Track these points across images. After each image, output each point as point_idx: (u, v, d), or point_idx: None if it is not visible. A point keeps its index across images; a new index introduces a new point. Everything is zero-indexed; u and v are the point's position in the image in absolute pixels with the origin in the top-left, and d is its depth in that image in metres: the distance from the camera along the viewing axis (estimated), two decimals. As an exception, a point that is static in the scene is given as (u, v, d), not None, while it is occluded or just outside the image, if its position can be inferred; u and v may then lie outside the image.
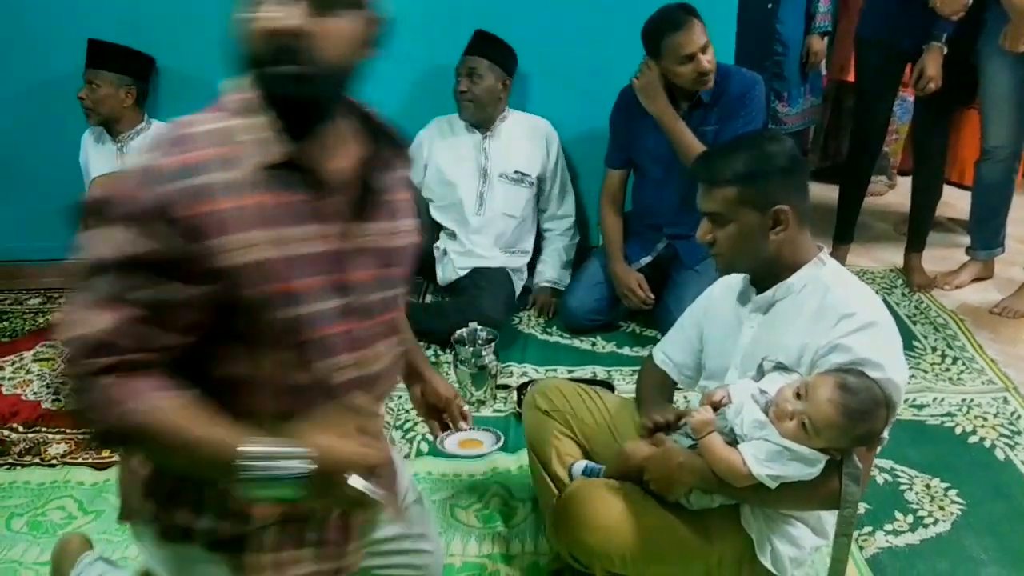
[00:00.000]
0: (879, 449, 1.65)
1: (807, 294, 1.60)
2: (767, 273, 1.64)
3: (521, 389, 2.60)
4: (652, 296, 3.04)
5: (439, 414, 1.64)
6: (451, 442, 1.79)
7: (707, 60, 2.76)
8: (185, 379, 1.11)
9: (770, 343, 1.61)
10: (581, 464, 1.82)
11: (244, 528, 1.21)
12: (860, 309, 1.53)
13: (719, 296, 1.81)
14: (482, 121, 3.17)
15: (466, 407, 1.67)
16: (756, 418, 1.50)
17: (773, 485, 1.48)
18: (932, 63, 3.05)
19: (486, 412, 2.62)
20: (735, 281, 1.75)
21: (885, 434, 1.55)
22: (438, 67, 3.22)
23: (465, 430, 1.70)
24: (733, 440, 1.53)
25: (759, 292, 1.66)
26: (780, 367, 1.57)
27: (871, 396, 1.45)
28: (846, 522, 1.54)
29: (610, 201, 3.16)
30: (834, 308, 1.54)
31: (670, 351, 1.91)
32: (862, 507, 2.08)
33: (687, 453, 1.59)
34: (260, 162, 1.09)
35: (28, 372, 2.95)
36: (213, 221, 1.05)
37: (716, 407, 1.57)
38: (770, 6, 3.73)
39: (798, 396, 1.47)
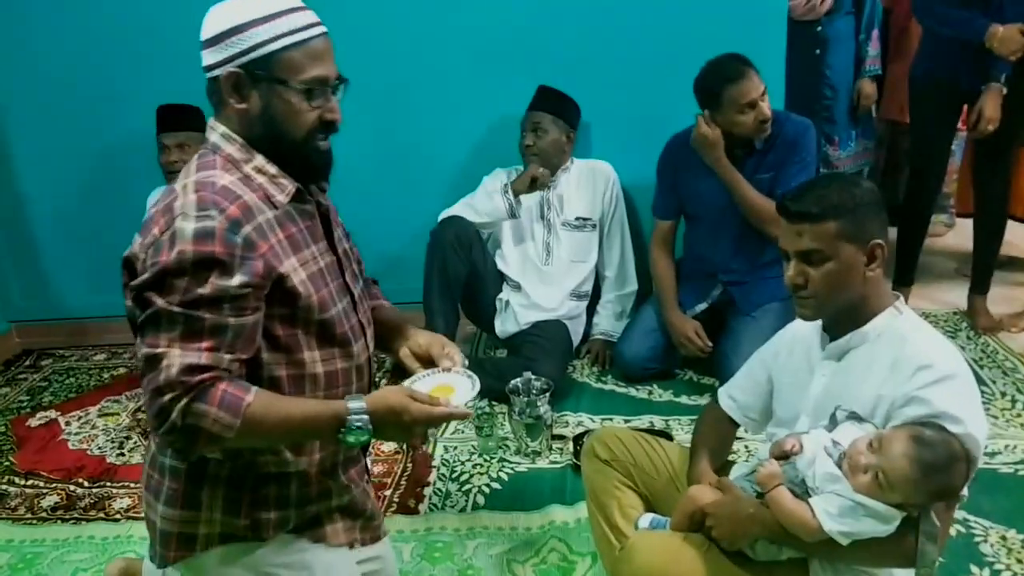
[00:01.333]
0: (957, 506, 1.59)
1: (883, 343, 1.56)
2: (846, 318, 1.60)
3: (577, 439, 2.58)
4: (710, 344, 3.01)
5: (432, 364, 1.64)
6: (422, 387, 1.53)
7: (767, 107, 2.78)
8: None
9: (843, 392, 1.57)
10: (647, 517, 1.79)
11: (318, 509, 1.50)
12: (938, 361, 1.49)
13: (790, 341, 1.77)
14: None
15: (454, 348, 1.63)
16: (829, 471, 1.46)
17: (845, 542, 1.43)
18: (991, 104, 3.01)
19: (542, 463, 2.60)
20: (808, 327, 1.71)
21: (964, 491, 1.49)
22: (502, 119, 3.30)
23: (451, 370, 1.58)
24: (804, 491, 1.49)
25: (832, 339, 1.63)
26: (854, 417, 1.52)
27: (948, 450, 1.40)
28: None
29: (661, 249, 3.15)
30: (911, 359, 1.50)
31: (736, 393, 1.88)
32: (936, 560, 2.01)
33: (756, 503, 1.55)
34: (285, 199, 1.38)
35: (93, 427, 3.02)
36: (271, 255, 1.33)
37: (786, 456, 1.53)
38: (818, 52, 3.74)
39: (872, 448, 1.43)
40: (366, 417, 1.36)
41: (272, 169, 1.39)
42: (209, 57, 1.35)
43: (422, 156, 3.41)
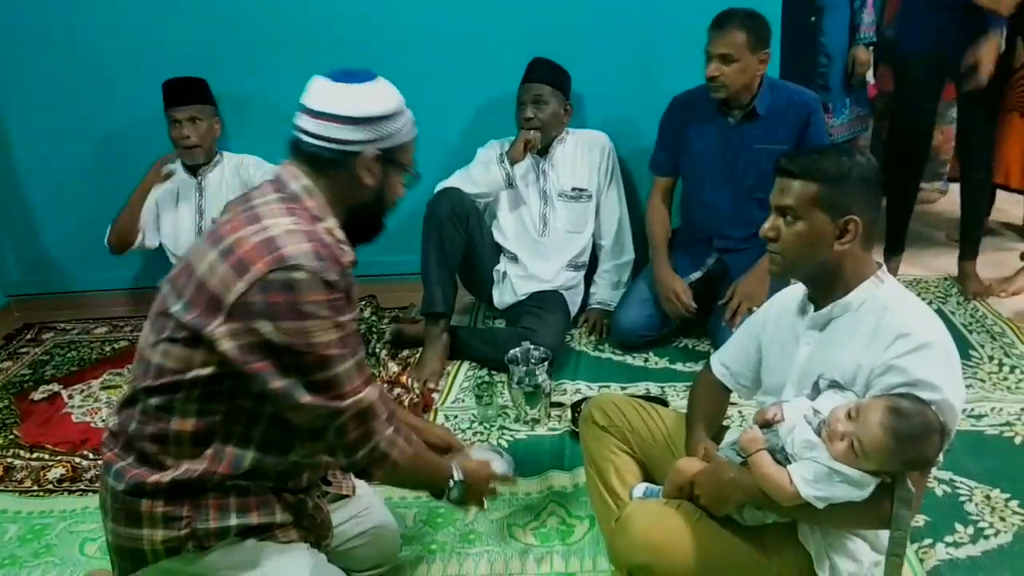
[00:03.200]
0: (932, 472, 1.64)
1: (864, 312, 1.60)
2: (824, 286, 1.64)
3: (575, 407, 2.63)
4: (694, 305, 3.05)
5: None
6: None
7: (714, 68, 2.78)
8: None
9: (826, 361, 1.62)
10: (642, 487, 1.84)
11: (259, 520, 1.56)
12: (917, 329, 1.52)
13: (777, 311, 1.81)
14: (544, 145, 3.22)
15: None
16: (807, 438, 1.51)
17: (820, 506, 1.49)
18: (989, 53, 3.02)
19: (541, 431, 2.66)
20: (793, 297, 1.76)
21: (940, 458, 1.55)
22: (496, 91, 3.31)
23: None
24: (785, 459, 1.54)
25: (816, 309, 1.67)
26: (835, 385, 1.57)
27: (923, 421, 1.44)
28: (897, 544, 1.53)
29: (658, 205, 3.19)
30: (890, 328, 1.53)
31: (728, 360, 1.92)
32: (922, 519, 2.06)
33: (738, 469, 1.61)
34: (348, 263, 1.50)
35: (96, 400, 3.06)
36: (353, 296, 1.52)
37: (768, 424, 1.58)
38: (813, 19, 3.74)
39: (850, 417, 1.47)
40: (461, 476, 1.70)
41: (339, 234, 1.52)
42: (350, 133, 1.49)
43: (418, 129, 3.41)
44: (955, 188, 4.14)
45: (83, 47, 3.39)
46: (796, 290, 1.75)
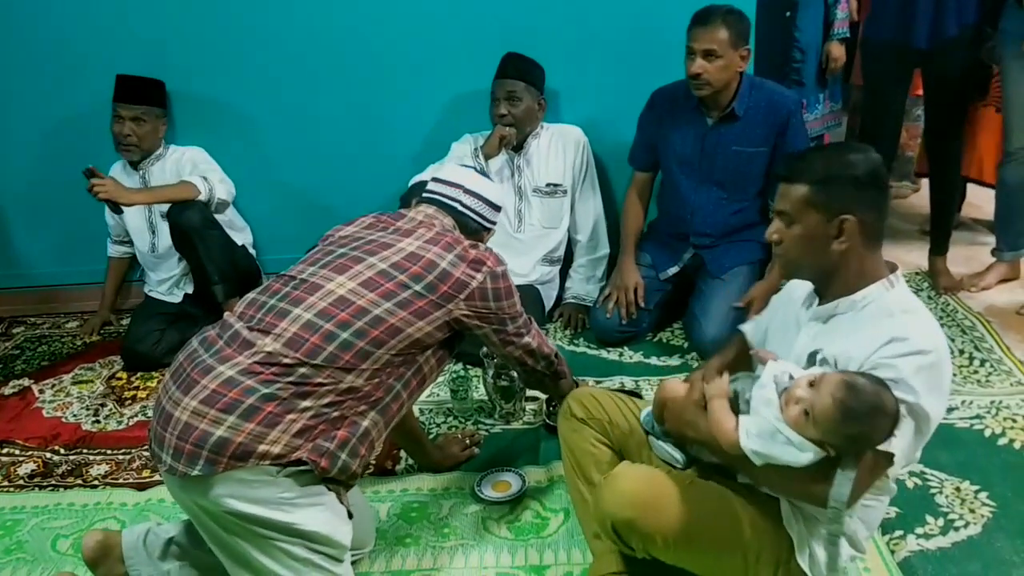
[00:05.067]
0: (904, 470, 1.67)
1: (868, 314, 1.61)
2: (829, 284, 1.66)
3: (550, 401, 2.63)
4: (640, 306, 3.07)
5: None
6: (486, 485, 2.29)
7: (698, 65, 2.75)
8: None
9: (825, 346, 1.63)
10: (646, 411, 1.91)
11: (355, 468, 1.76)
12: (916, 337, 1.53)
13: (787, 298, 1.86)
14: (518, 141, 3.21)
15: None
16: (767, 396, 1.55)
17: (757, 462, 1.53)
18: None
19: (516, 425, 2.66)
20: (803, 289, 1.78)
21: (892, 448, 1.52)
22: (470, 85, 3.30)
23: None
24: (747, 409, 1.59)
25: (821, 302, 1.69)
26: (827, 364, 1.58)
27: (874, 401, 1.46)
28: (833, 520, 1.54)
29: (635, 198, 3.20)
30: (891, 330, 1.54)
31: (752, 326, 1.98)
32: (893, 511, 2.09)
33: (699, 411, 1.67)
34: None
35: (68, 395, 3.03)
36: None
37: (763, 361, 1.65)
38: (788, 14, 3.76)
39: (811, 385, 1.50)
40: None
41: None
42: (490, 215, 2.12)
43: (392, 123, 3.41)
44: (926, 183, 4.20)
45: (45, 35, 3.33)
46: (806, 283, 1.77)
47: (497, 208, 2.12)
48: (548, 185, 3.25)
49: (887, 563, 1.96)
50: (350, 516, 1.77)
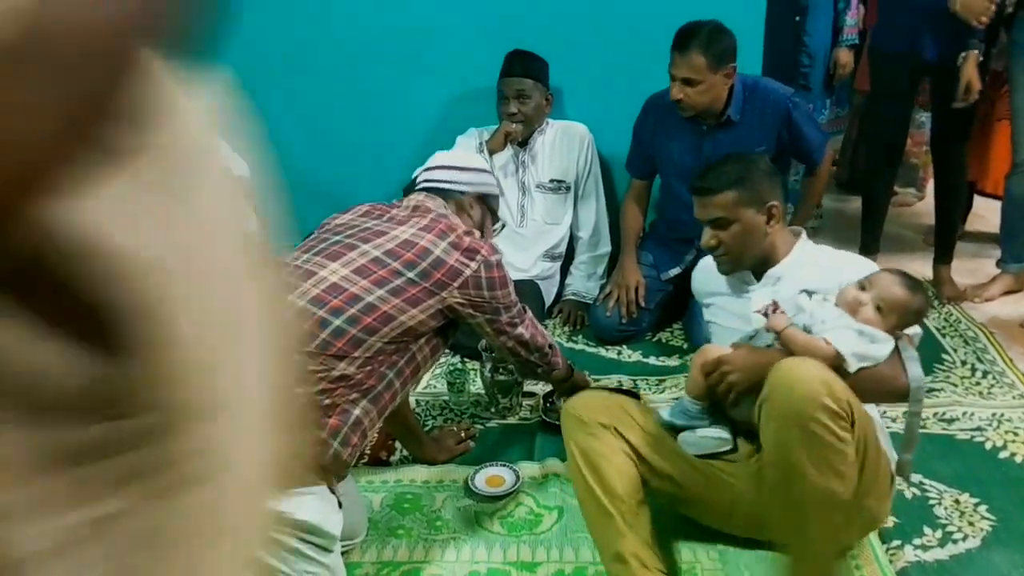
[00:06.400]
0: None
1: (806, 270, 1.89)
2: (765, 262, 1.94)
3: (547, 397, 2.60)
4: (640, 305, 3.06)
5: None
6: (479, 479, 2.26)
7: (676, 89, 2.76)
8: None
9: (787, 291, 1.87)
10: (666, 410, 1.93)
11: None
12: (866, 265, 1.88)
13: (713, 294, 2.12)
14: (525, 137, 3.19)
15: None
16: (833, 311, 1.72)
17: (854, 366, 1.65)
18: (972, 68, 3.02)
19: (512, 420, 2.63)
20: (719, 277, 2.05)
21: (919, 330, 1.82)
22: (476, 79, 3.27)
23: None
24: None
25: (758, 277, 1.96)
26: (804, 292, 1.79)
27: (912, 277, 1.78)
28: (915, 400, 1.73)
29: (633, 203, 3.19)
30: (836, 267, 1.86)
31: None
32: (891, 521, 2.06)
33: (768, 350, 1.75)
34: None
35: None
36: None
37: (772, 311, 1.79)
38: (798, 19, 3.74)
39: (863, 288, 1.73)
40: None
41: None
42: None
43: (397, 118, 3.39)
44: (931, 191, 4.18)
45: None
46: (714, 276, 2.05)
47: (474, 170, 2.15)
48: (552, 181, 3.23)
49: (885, 572, 1.93)
50: (340, 506, 1.74)
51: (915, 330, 1.80)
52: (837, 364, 1.63)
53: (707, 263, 2.14)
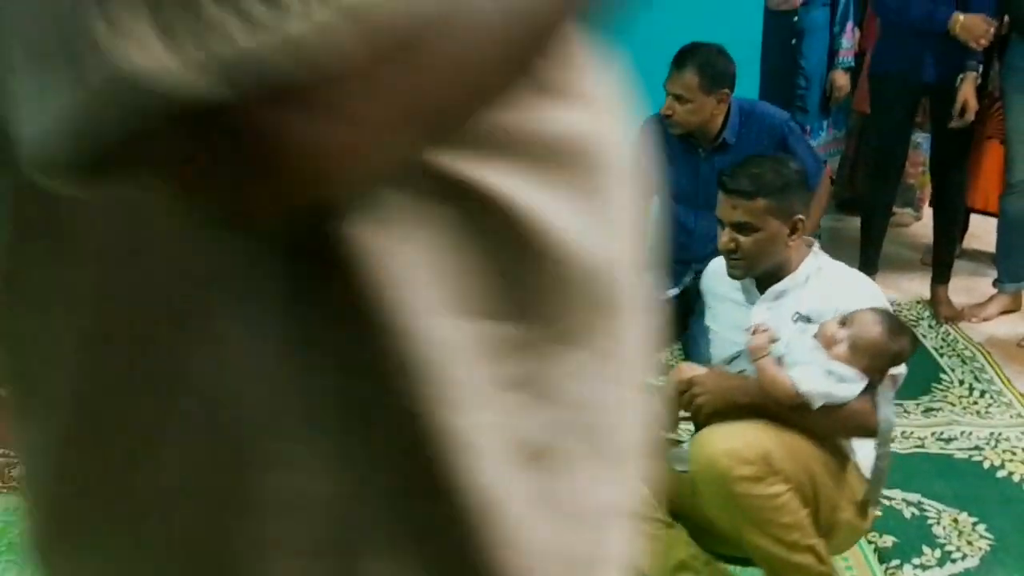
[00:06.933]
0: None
1: (811, 287, 1.83)
2: (776, 273, 1.86)
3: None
4: None
5: None
6: None
7: (669, 106, 2.77)
8: None
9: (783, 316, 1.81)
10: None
11: None
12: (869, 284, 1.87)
13: (719, 298, 2.04)
14: None
15: None
16: (808, 344, 1.69)
17: (816, 404, 1.62)
18: (970, 90, 3.06)
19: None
20: (727, 280, 1.96)
21: (903, 369, 1.77)
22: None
23: None
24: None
25: (762, 289, 1.86)
26: (803, 319, 1.75)
27: (899, 320, 1.79)
28: (884, 441, 1.72)
29: None
30: (853, 281, 1.85)
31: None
32: (890, 540, 2.08)
33: (739, 376, 1.75)
34: None
35: None
36: None
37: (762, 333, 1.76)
38: (794, 42, 3.78)
39: (843, 325, 1.67)
40: None
41: None
42: None
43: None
44: (929, 212, 4.21)
45: None
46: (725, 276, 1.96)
47: None
48: None
49: (883, 593, 1.95)
50: None
51: (899, 370, 1.77)
52: (799, 403, 1.63)
53: (722, 263, 2.08)
